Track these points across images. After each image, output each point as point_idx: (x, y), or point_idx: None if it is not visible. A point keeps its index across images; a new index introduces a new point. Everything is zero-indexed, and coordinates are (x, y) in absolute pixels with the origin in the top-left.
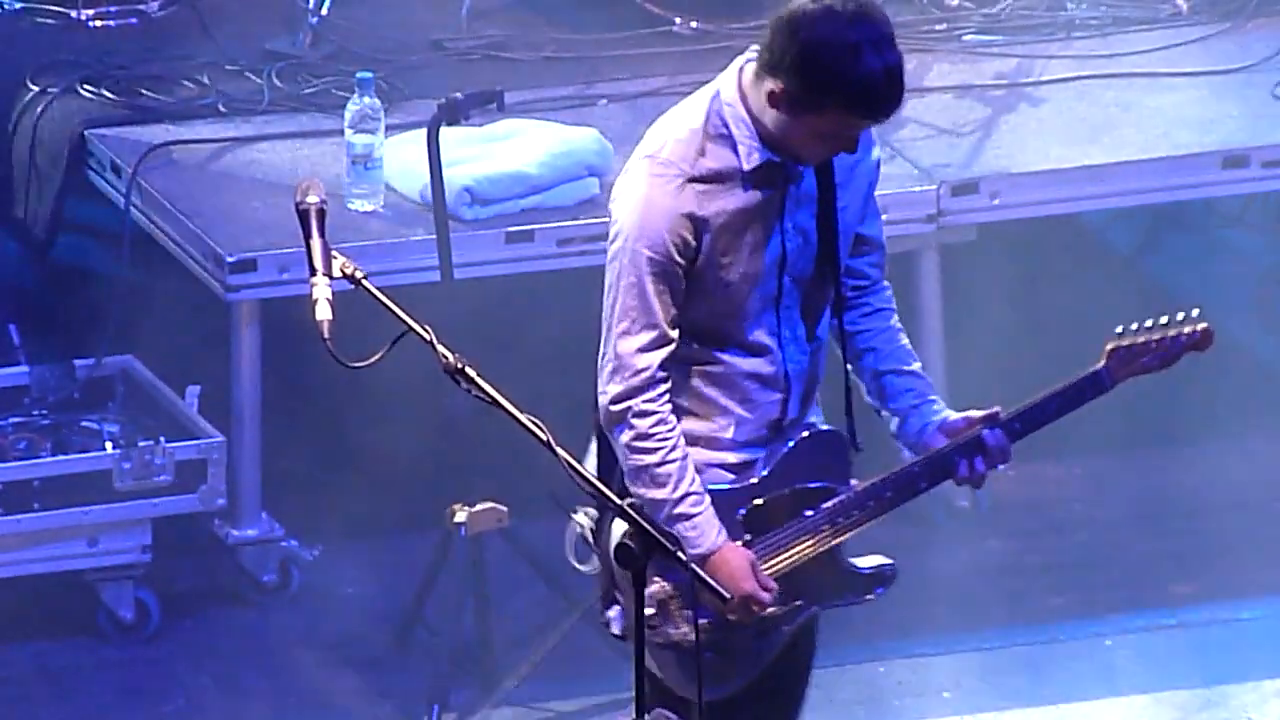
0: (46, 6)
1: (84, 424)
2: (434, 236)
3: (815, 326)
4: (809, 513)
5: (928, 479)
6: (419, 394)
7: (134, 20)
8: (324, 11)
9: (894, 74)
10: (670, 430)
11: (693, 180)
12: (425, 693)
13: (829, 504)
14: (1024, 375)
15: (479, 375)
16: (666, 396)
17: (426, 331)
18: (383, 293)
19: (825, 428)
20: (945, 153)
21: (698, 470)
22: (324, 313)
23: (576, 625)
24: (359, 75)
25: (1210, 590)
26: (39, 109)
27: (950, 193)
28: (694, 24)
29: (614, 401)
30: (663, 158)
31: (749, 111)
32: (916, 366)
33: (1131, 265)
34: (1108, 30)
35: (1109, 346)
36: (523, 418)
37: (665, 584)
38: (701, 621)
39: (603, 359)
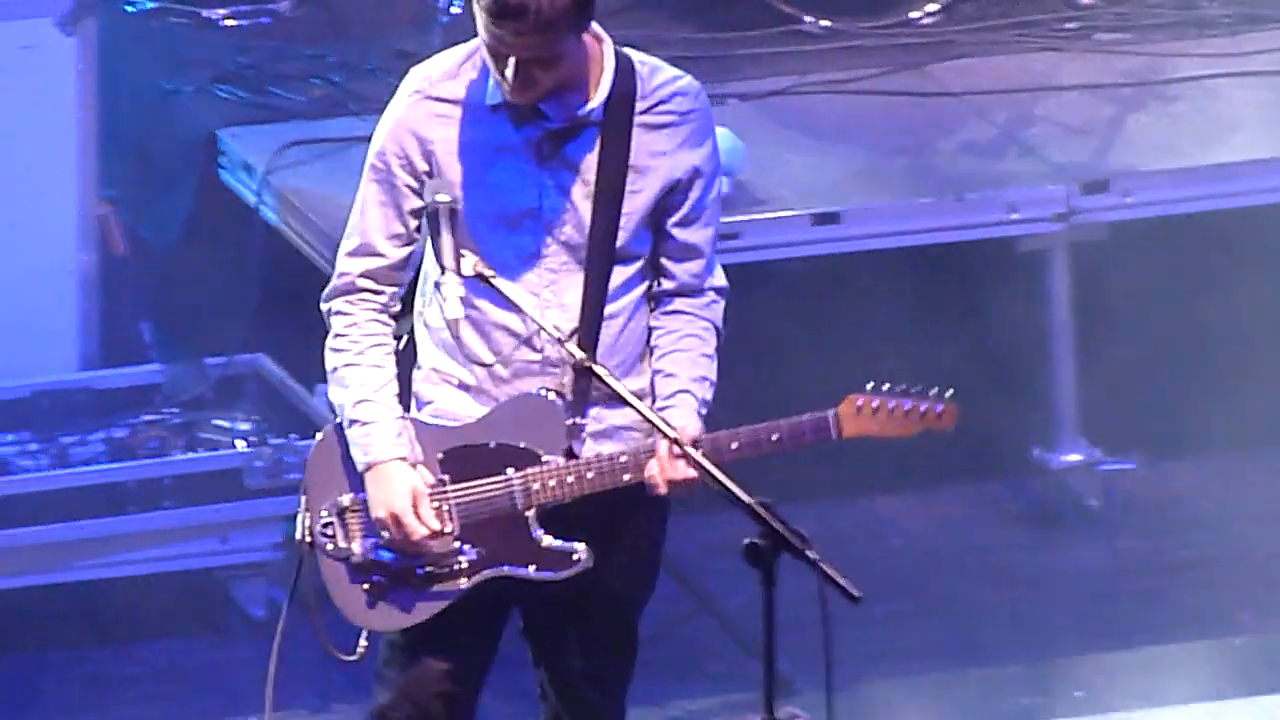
0: (179, 6)
1: (215, 422)
2: None
3: (600, 300)
4: (510, 471)
5: (630, 471)
6: None
7: (266, 19)
8: (454, 10)
9: None
10: (363, 335)
11: (430, 99)
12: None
13: (531, 469)
14: (1156, 375)
15: (608, 373)
16: (370, 304)
17: (555, 329)
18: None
19: (542, 392)
20: (1076, 151)
21: (426, 398)
22: (454, 311)
23: (706, 625)
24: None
25: None
26: (172, 108)
27: (1081, 190)
28: (824, 22)
29: (321, 300)
30: (415, 72)
31: None
32: (682, 374)
33: (1262, 267)
34: (1239, 29)
35: (848, 397)
36: (649, 414)
37: (348, 497)
38: (370, 542)
39: None
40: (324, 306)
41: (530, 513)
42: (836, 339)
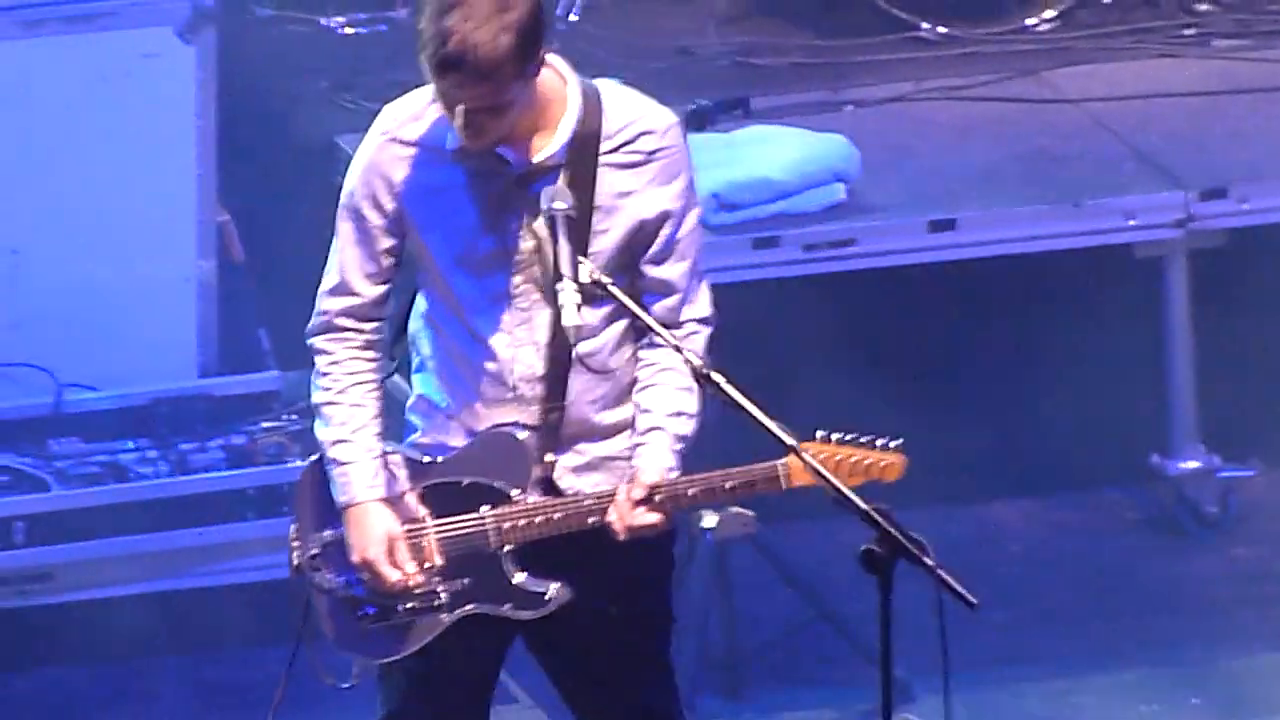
0: (297, 14)
1: None
2: None
3: (558, 339)
4: (485, 509)
5: (595, 514)
6: None
7: (383, 27)
8: (572, 18)
9: (442, 31)
10: (345, 374)
11: (395, 141)
12: None
13: (503, 508)
14: (1275, 381)
15: (726, 381)
16: (351, 342)
17: (672, 337)
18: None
19: (506, 430)
20: (1193, 157)
21: (415, 425)
22: (571, 318)
23: (824, 632)
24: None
25: None
26: (291, 116)
27: (1199, 198)
28: (941, 29)
29: (305, 336)
30: (386, 111)
31: None
32: (657, 409)
33: None
34: None
35: (800, 445)
36: (769, 423)
37: (331, 534)
38: (351, 579)
39: None
40: (309, 343)
41: (504, 550)
42: (951, 344)
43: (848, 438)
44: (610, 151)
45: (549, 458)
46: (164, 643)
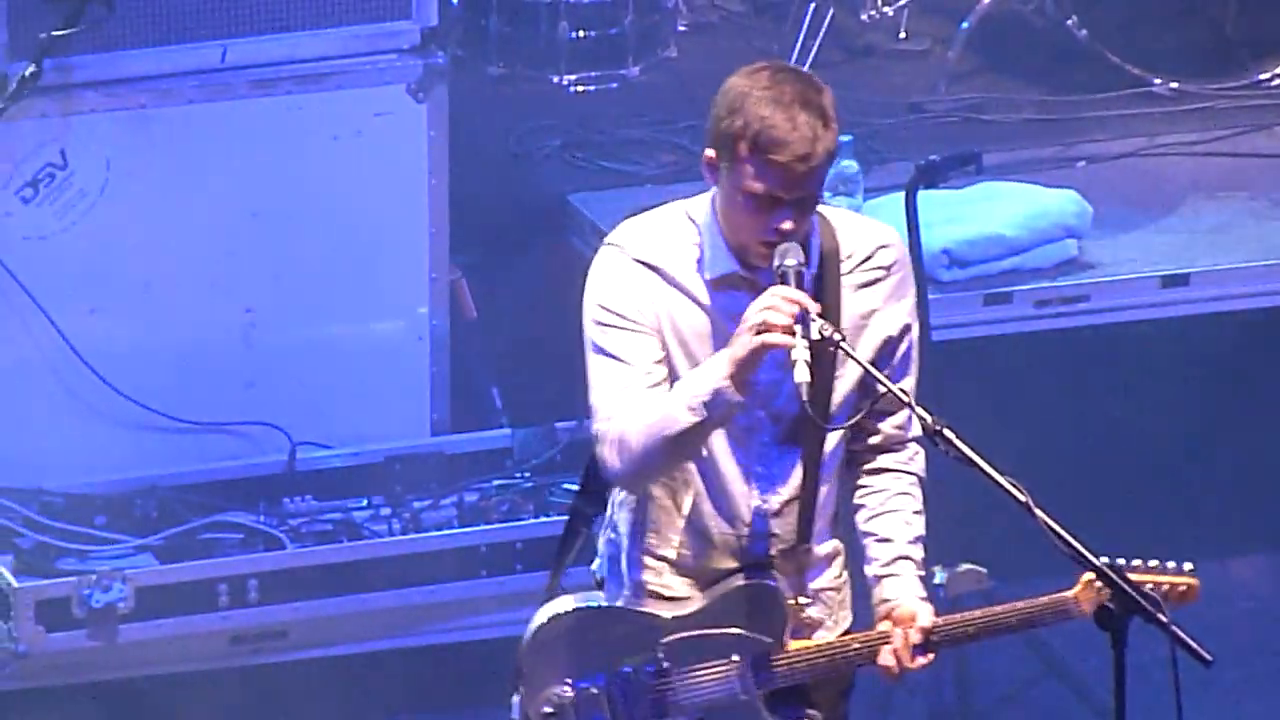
0: (529, 71)
1: (565, 486)
2: None
3: (812, 468)
4: (735, 657)
5: (864, 657)
6: None
7: (614, 85)
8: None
9: (797, 121)
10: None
11: (648, 267)
12: None
13: (756, 655)
14: None
15: (958, 436)
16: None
17: (903, 394)
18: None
19: (765, 581)
20: None
21: (639, 589)
22: (802, 375)
23: (1055, 688)
24: (839, 138)
25: None
26: (522, 173)
27: None
28: (1174, 84)
29: (599, 446)
30: (621, 238)
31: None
32: (899, 537)
33: None
34: None
35: (1086, 577)
36: (1001, 479)
37: (570, 687)
38: None
39: None
40: (599, 446)
41: (759, 696)
42: (1183, 400)
43: (1133, 564)
44: (850, 271)
45: (795, 599)
46: (402, 701)
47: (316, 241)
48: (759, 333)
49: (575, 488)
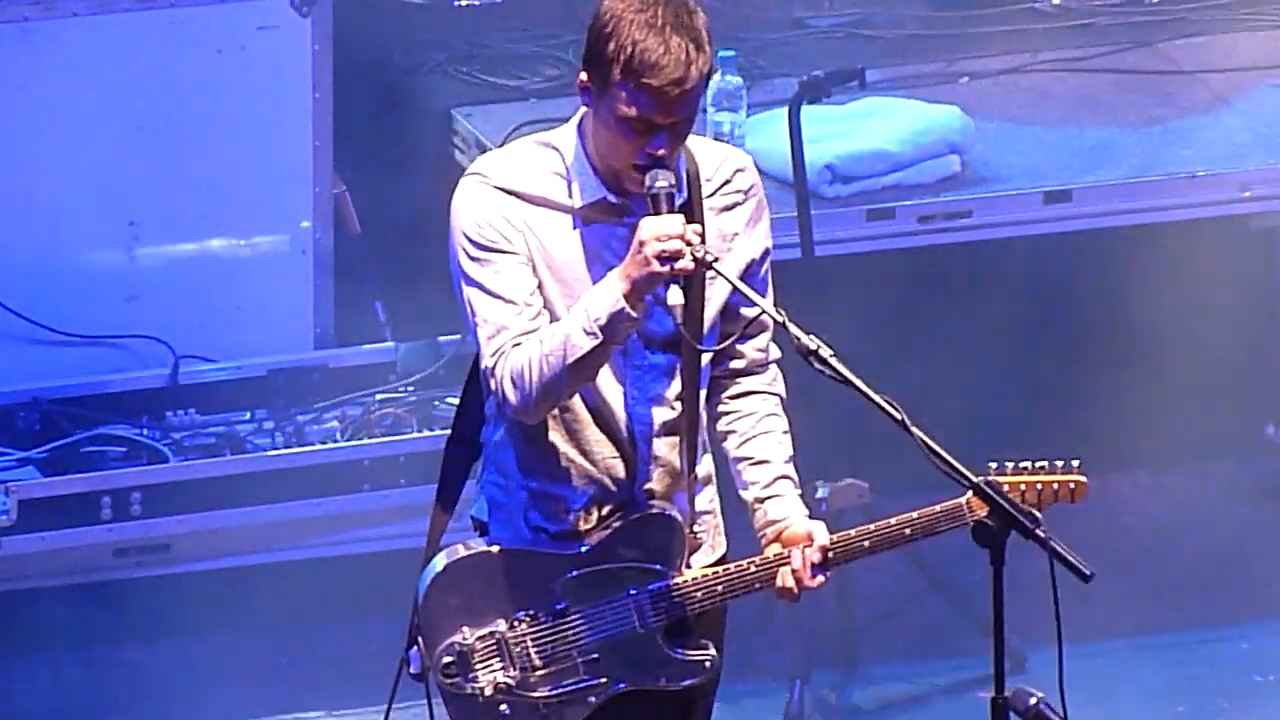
0: None
1: (449, 400)
2: (795, 214)
3: (689, 390)
4: (632, 591)
5: (761, 581)
6: None
7: (499, 0)
8: None
9: (670, 45)
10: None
11: (510, 194)
12: (786, 669)
13: (654, 586)
14: None
15: (834, 354)
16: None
17: (780, 313)
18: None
19: (660, 511)
20: None
21: (531, 528)
22: (676, 297)
23: (937, 602)
24: (720, 53)
25: None
26: (407, 88)
27: None
28: (1056, 1)
29: (487, 377)
30: (484, 165)
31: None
32: (775, 458)
33: None
34: None
35: (977, 480)
36: (877, 398)
37: (470, 634)
38: (498, 679)
39: None
40: (494, 382)
41: (658, 629)
42: (1063, 316)
43: (1022, 464)
44: (711, 194)
45: (691, 530)
46: (283, 613)
47: (200, 155)
48: (664, 261)
49: (456, 402)
